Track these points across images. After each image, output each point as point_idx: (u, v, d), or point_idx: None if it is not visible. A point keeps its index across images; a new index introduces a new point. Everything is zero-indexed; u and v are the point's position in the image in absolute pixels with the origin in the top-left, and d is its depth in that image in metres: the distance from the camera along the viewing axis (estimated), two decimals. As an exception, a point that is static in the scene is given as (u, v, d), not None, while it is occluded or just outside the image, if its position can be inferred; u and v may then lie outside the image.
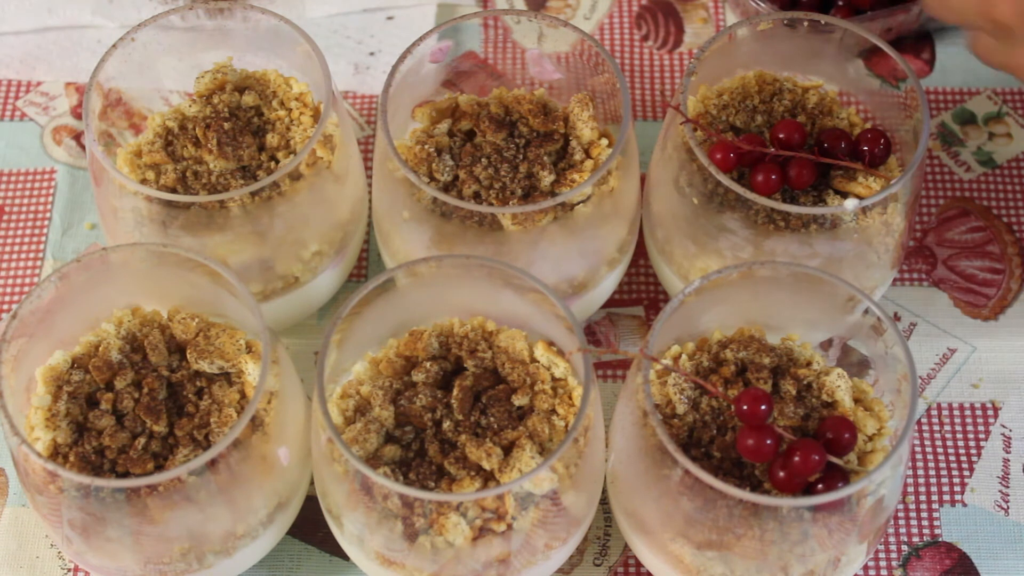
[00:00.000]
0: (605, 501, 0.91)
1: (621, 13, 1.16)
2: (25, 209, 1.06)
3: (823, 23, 0.94)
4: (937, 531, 0.93)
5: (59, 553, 0.92)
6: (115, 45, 0.92)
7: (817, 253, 0.88)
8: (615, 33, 1.15)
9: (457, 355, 0.85)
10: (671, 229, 0.93)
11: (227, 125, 0.91)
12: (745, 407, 0.78)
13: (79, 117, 1.10)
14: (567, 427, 0.82)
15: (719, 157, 0.89)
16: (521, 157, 0.91)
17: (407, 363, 0.85)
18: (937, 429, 0.97)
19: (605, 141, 0.91)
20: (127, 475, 0.81)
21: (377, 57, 1.13)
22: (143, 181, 0.91)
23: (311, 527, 0.92)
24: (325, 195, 0.91)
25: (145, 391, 0.84)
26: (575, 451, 0.79)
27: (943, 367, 0.99)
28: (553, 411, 0.83)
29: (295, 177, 0.88)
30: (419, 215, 0.88)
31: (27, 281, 1.03)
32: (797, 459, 0.77)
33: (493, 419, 0.82)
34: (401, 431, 0.83)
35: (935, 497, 0.94)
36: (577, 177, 0.89)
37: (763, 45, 0.95)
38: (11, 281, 1.03)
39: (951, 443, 0.96)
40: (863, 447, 0.82)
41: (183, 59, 0.96)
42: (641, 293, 1.03)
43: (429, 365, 0.85)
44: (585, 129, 0.91)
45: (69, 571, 0.91)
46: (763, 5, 1.07)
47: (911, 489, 0.94)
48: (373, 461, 0.81)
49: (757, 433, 0.78)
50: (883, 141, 0.90)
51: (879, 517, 0.81)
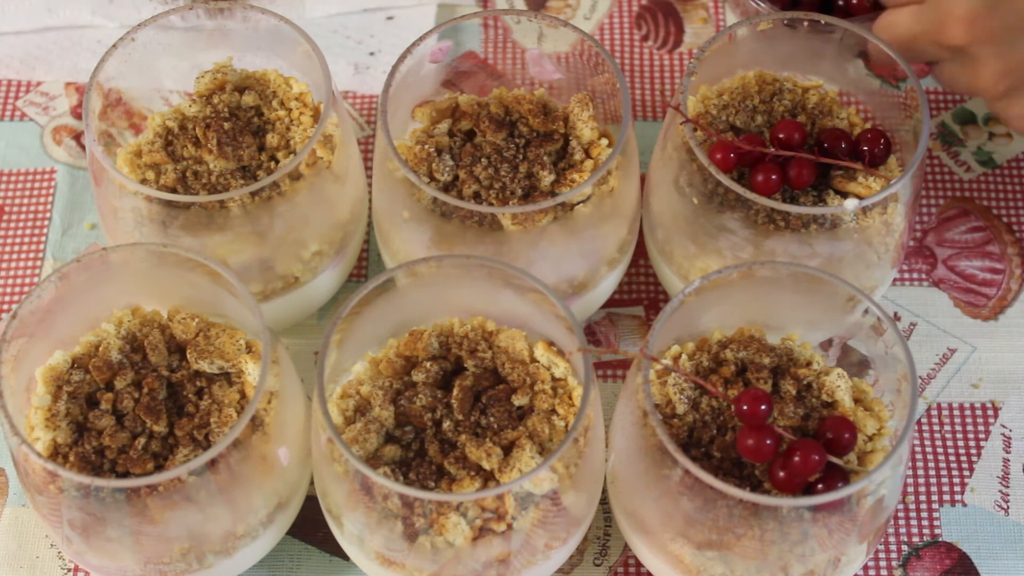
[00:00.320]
0: (605, 501, 0.91)
1: (621, 13, 1.16)
2: (25, 209, 1.06)
3: (823, 23, 0.94)
4: (937, 531, 0.93)
5: (59, 553, 0.92)
6: (115, 45, 0.92)
7: (817, 253, 0.88)
8: (615, 33, 1.15)
9: (457, 355, 0.85)
10: (671, 229, 0.93)
11: (227, 125, 0.91)
12: (745, 407, 0.78)
13: (79, 117, 1.10)
14: (567, 427, 0.82)
15: (719, 157, 0.88)
16: (521, 157, 0.90)
17: (407, 363, 0.85)
18: (937, 429, 0.97)
19: (605, 141, 0.91)
20: (127, 475, 0.81)
21: (377, 57, 1.13)
22: (143, 181, 0.91)
23: (311, 527, 0.92)
24: (325, 195, 0.91)
25: (145, 391, 0.84)
26: (575, 451, 0.79)
27: (943, 367, 0.99)
28: (553, 411, 0.83)
29: (295, 177, 0.88)
30: (419, 215, 0.88)
31: (27, 281, 1.03)
32: (797, 459, 0.77)
33: (493, 419, 0.82)
34: (401, 431, 0.83)
35: (935, 497, 0.94)
36: (577, 177, 0.89)
37: (763, 45, 0.95)
38: (11, 281, 1.03)
39: (951, 443, 0.96)
40: (863, 447, 0.82)
41: (183, 59, 0.96)
42: (641, 293, 1.03)
43: (429, 365, 0.85)
44: (585, 129, 0.91)
45: (69, 571, 0.91)
46: (763, 5, 1.07)
47: (911, 489, 0.94)
48: (373, 461, 0.81)
49: (757, 433, 0.78)
50: (883, 141, 0.90)
51: (879, 517, 0.81)
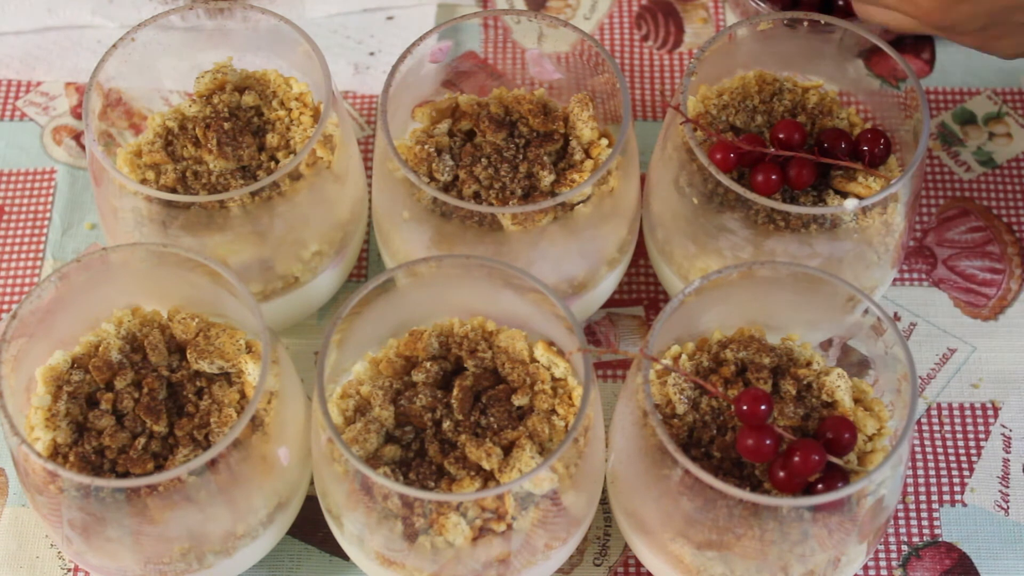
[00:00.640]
0: (605, 501, 0.91)
1: (621, 13, 1.16)
2: (25, 209, 1.06)
3: (823, 23, 0.94)
4: (937, 531, 0.93)
5: (59, 553, 0.92)
6: (115, 45, 0.92)
7: (817, 253, 0.88)
8: (615, 33, 1.15)
9: (457, 355, 0.85)
10: (671, 229, 0.93)
11: (227, 125, 0.91)
12: (745, 407, 0.78)
13: (79, 117, 1.10)
14: (567, 427, 0.82)
15: (719, 157, 0.88)
16: (521, 157, 0.90)
17: (407, 363, 0.85)
18: (937, 429, 0.97)
19: (605, 141, 0.91)
20: (127, 475, 0.81)
21: (377, 57, 1.13)
22: (143, 181, 0.91)
23: (311, 527, 0.92)
24: (325, 195, 0.91)
25: (145, 391, 0.84)
26: (575, 451, 0.79)
27: (943, 367, 0.99)
28: (553, 411, 0.83)
29: (295, 177, 0.88)
30: (419, 215, 0.88)
31: (27, 281, 1.03)
32: (797, 459, 0.77)
33: (493, 419, 0.82)
34: (401, 431, 0.83)
35: (935, 497, 0.94)
36: (577, 177, 0.89)
37: (763, 45, 0.95)
38: (11, 281, 1.03)
39: (951, 443, 0.96)
40: (863, 447, 0.82)
41: (183, 59, 0.96)
42: (641, 293, 1.03)
43: (429, 365, 0.85)
44: (585, 129, 0.91)
45: (69, 571, 0.91)
46: (763, 5, 1.07)
47: (911, 489, 0.94)
48: (373, 461, 0.81)
49: (757, 433, 0.78)
50: (883, 141, 0.90)
51: (879, 517, 0.81)
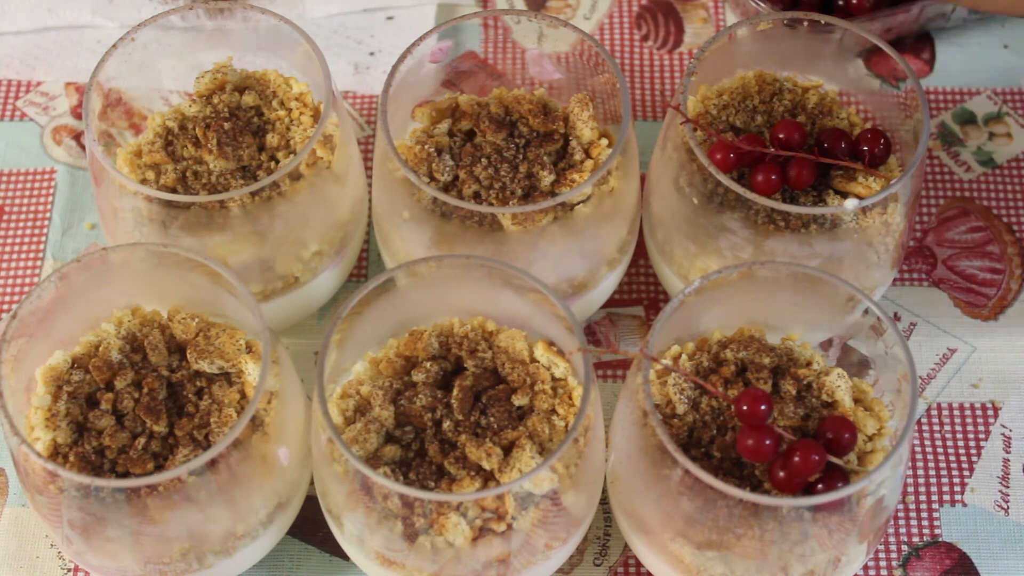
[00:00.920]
0: (605, 501, 0.91)
1: (621, 13, 1.16)
2: (25, 209, 1.06)
3: (823, 23, 0.94)
4: (937, 531, 0.93)
5: (59, 553, 0.92)
6: (115, 45, 0.92)
7: (817, 253, 0.88)
8: (615, 33, 1.15)
9: (457, 355, 0.85)
10: (671, 229, 0.93)
11: (227, 125, 0.91)
12: (745, 407, 0.78)
13: (79, 117, 1.10)
14: (567, 427, 0.82)
15: (719, 157, 0.88)
16: (521, 157, 0.90)
17: (407, 363, 0.85)
18: (937, 429, 0.97)
19: (605, 141, 0.91)
20: (127, 475, 0.81)
21: (377, 57, 1.13)
22: (143, 181, 0.91)
23: (311, 527, 0.92)
24: (325, 195, 0.91)
25: (145, 391, 0.84)
26: (575, 451, 0.79)
27: (943, 367, 0.99)
28: (553, 411, 0.83)
29: (295, 177, 0.88)
30: (419, 215, 0.88)
31: (27, 281, 1.03)
32: (797, 459, 0.77)
33: (493, 419, 0.82)
34: (401, 431, 0.83)
35: (935, 497, 0.94)
36: (577, 177, 0.89)
37: (763, 45, 0.95)
38: (11, 281, 1.03)
39: (951, 443, 0.96)
40: (863, 447, 0.82)
41: (183, 59, 0.96)
42: (641, 293, 1.03)
43: (429, 365, 0.85)
44: (585, 129, 0.91)
45: (69, 571, 0.91)
46: (763, 5, 1.07)
47: (911, 489, 0.94)
48: (373, 461, 0.81)
49: (757, 433, 0.78)
50: (883, 141, 0.90)
51: (879, 517, 0.81)
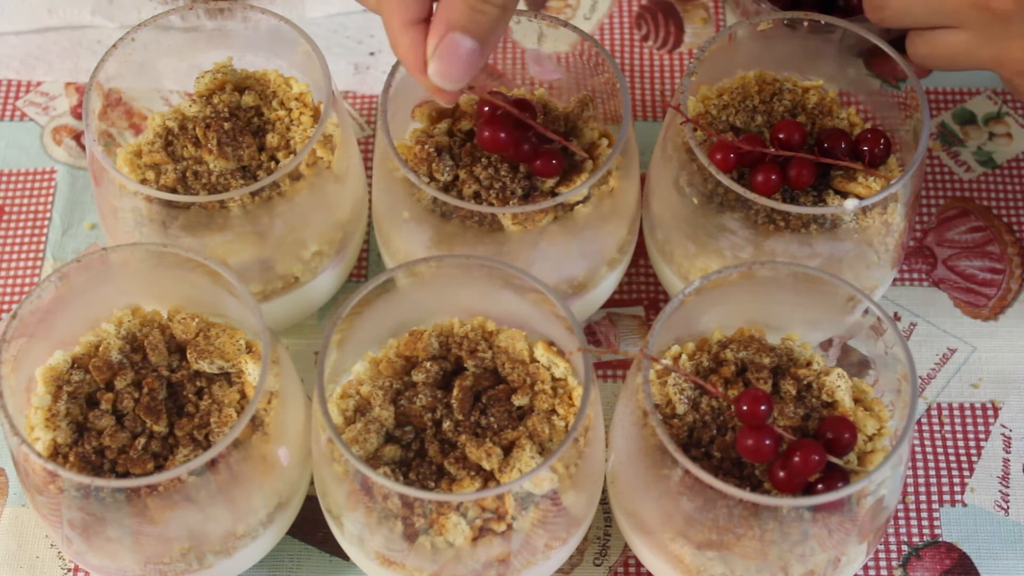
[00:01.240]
0: (605, 501, 0.91)
1: (621, 13, 1.16)
2: (25, 209, 1.06)
3: (823, 23, 0.94)
4: (937, 531, 0.93)
5: (59, 553, 0.92)
6: (115, 45, 0.92)
7: (817, 253, 0.88)
8: (615, 33, 1.15)
9: (457, 355, 0.85)
10: (671, 229, 0.93)
11: (227, 125, 0.91)
12: (745, 407, 0.78)
13: (79, 117, 1.10)
14: (567, 427, 0.82)
15: (719, 157, 0.88)
16: (521, 157, 0.91)
17: (407, 363, 0.85)
18: (937, 429, 0.97)
19: (605, 141, 0.91)
20: (127, 475, 0.81)
21: (377, 57, 1.13)
22: (143, 181, 0.91)
23: (311, 527, 0.92)
24: (325, 195, 0.91)
25: (145, 391, 0.84)
26: (575, 451, 0.79)
27: (943, 367, 0.99)
28: (553, 411, 0.83)
29: (295, 177, 0.88)
30: (419, 215, 0.88)
31: (27, 281, 1.03)
32: (797, 459, 0.77)
33: (493, 419, 0.82)
34: (401, 431, 0.83)
35: (935, 497, 0.94)
36: (577, 177, 0.89)
37: (763, 45, 0.95)
38: (11, 281, 1.03)
39: (951, 443, 0.96)
40: (863, 447, 0.82)
41: (183, 59, 0.96)
42: (641, 293, 1.03)
43: (429, 365, 0.85)
44: (585, 129, 0.91)
45: (69, 571, 0.91)
46: (763, 5, 1.07)
47: (911, 489, 0.94)
48: (373, 461, 0.81)
49: (757, 433, 0.78)
50: (883, 141, 0.90)
51: (879, 517, 0.81)
